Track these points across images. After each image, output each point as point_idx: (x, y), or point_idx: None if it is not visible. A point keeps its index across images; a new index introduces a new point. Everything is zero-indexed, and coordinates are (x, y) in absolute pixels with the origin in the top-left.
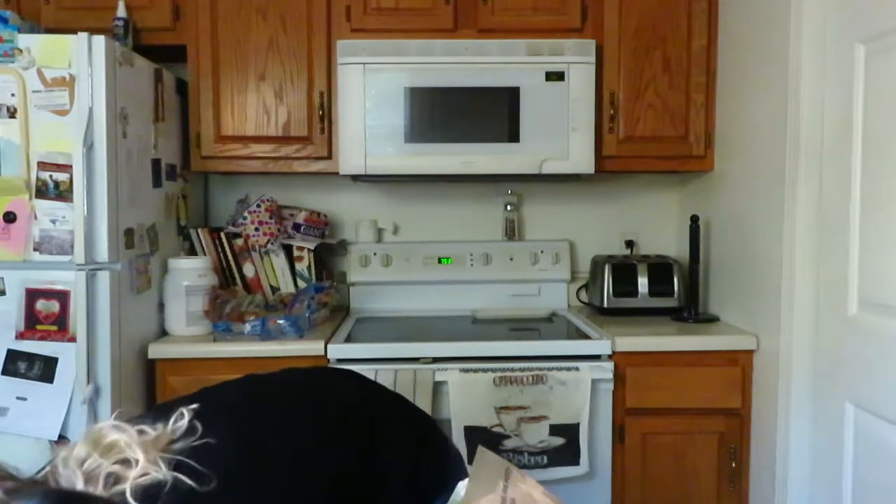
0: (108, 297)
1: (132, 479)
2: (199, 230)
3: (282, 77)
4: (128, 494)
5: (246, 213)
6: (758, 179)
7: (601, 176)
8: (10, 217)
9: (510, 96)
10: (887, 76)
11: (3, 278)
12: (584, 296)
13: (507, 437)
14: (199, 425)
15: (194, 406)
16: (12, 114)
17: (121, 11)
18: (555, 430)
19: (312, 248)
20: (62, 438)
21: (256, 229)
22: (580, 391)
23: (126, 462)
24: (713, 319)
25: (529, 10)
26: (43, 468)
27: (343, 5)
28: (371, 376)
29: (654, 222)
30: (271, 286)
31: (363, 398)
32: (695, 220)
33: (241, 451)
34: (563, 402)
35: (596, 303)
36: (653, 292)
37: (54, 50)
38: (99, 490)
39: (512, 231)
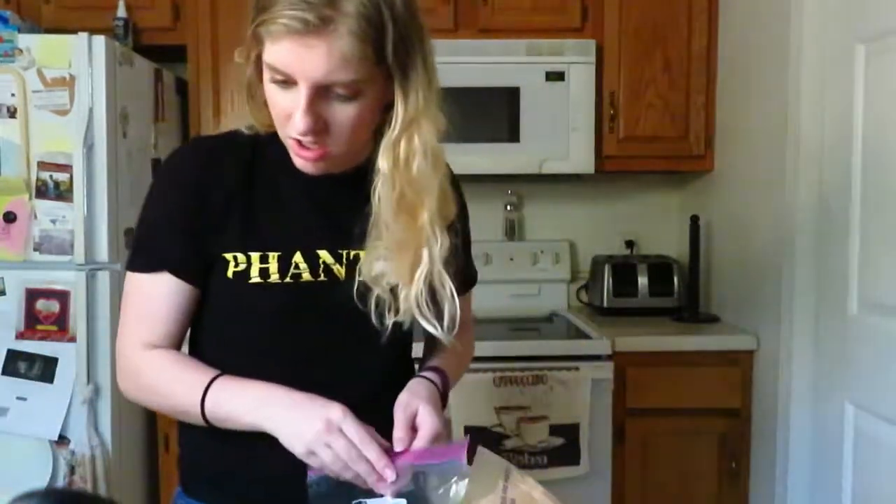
0: (108, 297)
1: None
2: None
3: None
4: None
5: None
6: (758, 179)
7: (601, 176)
8: (10, 217)
9: (510, 96)
10: (887, 76)
11: (3, 278)
12: (584, 296)
13: (507, 437)
14: None
15: None
16: (12, 114)
17: (121, 11)
18: (555, 430)
19: None
20: (62, 438)
21: None
22: (580, 391)
23: None
24: (713, 319)
25: (529, 10)
26: None
27: None
28: None
29: (654, 222)
30: None
31: None
32: (695, 220)
33: None
34: (563, 403)
35: (596, 303)
36: (653, 292)
37: (54, 50)
38: None
39: (512, 231)
